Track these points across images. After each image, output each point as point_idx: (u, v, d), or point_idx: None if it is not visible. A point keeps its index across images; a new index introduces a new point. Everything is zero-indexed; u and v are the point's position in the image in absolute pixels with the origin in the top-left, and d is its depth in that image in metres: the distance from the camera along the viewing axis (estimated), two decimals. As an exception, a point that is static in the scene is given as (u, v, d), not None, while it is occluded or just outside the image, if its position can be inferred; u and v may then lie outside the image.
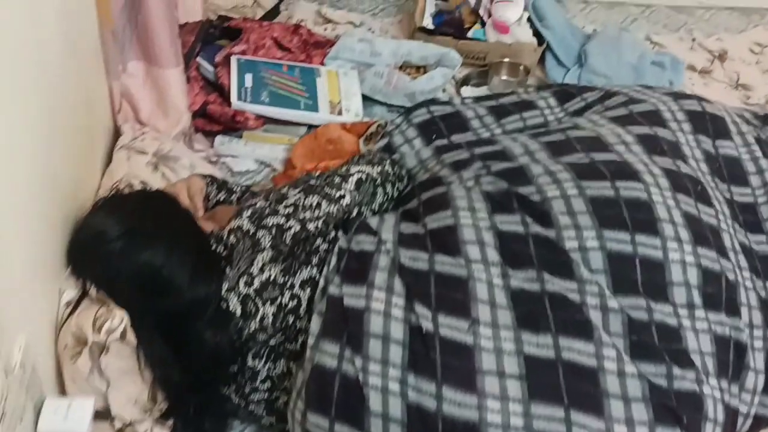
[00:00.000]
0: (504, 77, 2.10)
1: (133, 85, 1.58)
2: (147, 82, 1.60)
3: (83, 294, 1.16)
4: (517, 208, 1.20)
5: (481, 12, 2.17)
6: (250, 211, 1.23)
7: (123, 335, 1.08)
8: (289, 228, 1.20)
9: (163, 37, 1.51)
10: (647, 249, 1.14)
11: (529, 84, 2.08)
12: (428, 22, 2.18)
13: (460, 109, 1.64)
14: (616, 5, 2.47)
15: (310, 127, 1.86)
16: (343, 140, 1.76)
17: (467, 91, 2.06)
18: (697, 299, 1.13)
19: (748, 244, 1.30)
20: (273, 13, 2.24)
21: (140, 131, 1.60)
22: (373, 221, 1.25)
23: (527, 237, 1.16)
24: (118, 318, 1.09)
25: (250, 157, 1.79)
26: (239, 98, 1.79)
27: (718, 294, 1.15)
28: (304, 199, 1.25)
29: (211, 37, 1.97)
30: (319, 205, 1.24)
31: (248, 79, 1.84)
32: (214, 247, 1.22)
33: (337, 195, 1.27)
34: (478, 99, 1.69)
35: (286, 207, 1.23)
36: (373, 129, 1.78)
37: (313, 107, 1.85)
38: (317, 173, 1.36)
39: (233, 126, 1.79)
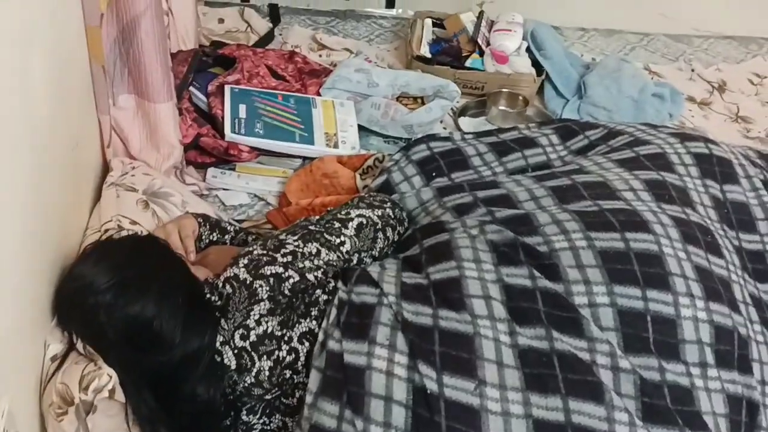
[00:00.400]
0: (502, 107, 2.07)
1: (124, 118, 1.54)
2: (138, 116, 1.55)
3: (70, 348, 1.11)
4: (524, 260, 1.16)
5: (479, 41, 2.14)
6: (246, 260, 1.17)
7: (111, 393, 1.03)
8: (288, 278, 1.14)
9: (155, 72, 1.46)
10: (659, 305, 1.10)
11: (529, 114, 2.04)
12: (425, 50, 2.14)
13: (461, 146, 1.60)
14: (614, 33, 2.45)
15: (305, 159, 1.81)
16: (339, 174, 1.72)
17: (465, 121, 2.02)
18: (710, 358, 1.09)
19: (757, 295, 1.26)
20: (267, 38, 2.20)
21: (130, 166, 1.55)
22: (374, 271, 1.20)
23: (535, 291, 1.12)
24: (106, 376, 1.03)
25: (243, 190, 1.74)
26: (233, 130, 1.75)
27: (730, 351, 1.12)
28: (303, 246, 1.20)
29: (204, 64, 1.92)
30: (318, 252, 1.20)
31: (242, 109, 1.80)
32: (208, 296, 1.17)
33: (337, 242, 1.23)
34: (478, 135, 1.65)
35: (284, 255, 1.17)
36: (369, 162, 1.74)
37: (309, 139, 1.80)
38: (315, 218, 1.31)
39: (227, 159, 1.74)
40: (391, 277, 1.19)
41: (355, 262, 1.25)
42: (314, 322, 1.14)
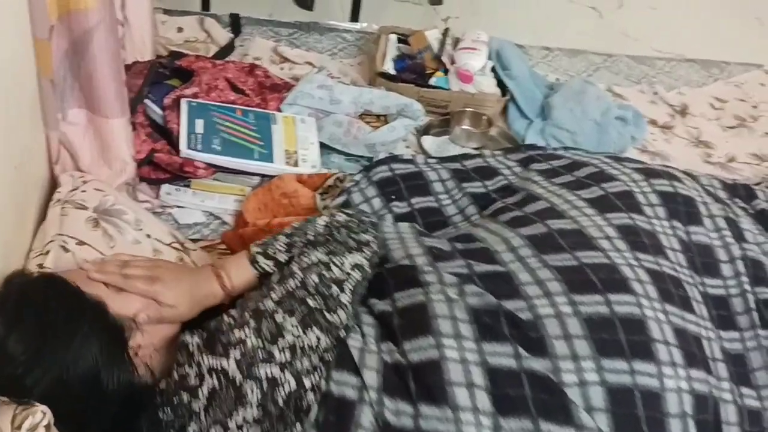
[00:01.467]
0: (466, 127, 2.04)
1: (74, 133, 1.47)
2: (89, 131, 1.48)
3: None
4: (508, 333, 1.07)
5: (444, 59, 2.11)
6: (239, 353, 1.04)
7: (47, 431, 0.97)
8: (283, 384, 1.02)
9: (108, 87, 1.40)
10: (644, 378, 1.05)
11: (492, 135, 2.02)
12: (389, 67, 2.11)
13: (423, 170, 1.57)
14: (578, 53, 2.45)
15: (264, 177, 1.76)
16: (299, 194, 1.67)
17: (428, 140, 1.99)
18: (692, 430, 1.06)
19: (725, 347, 1.23)
20: (227, 49, 2.15)
21: (81, 180, 1.48)
22: (355, 347, 1.08)
23: (521, 374, 1.04)
24: (40, 413, 0.97)
25: (198, 208, 1.68)
26: (189, 146, 1.69)
27: (708, 420, 1.08)
28: (303, 334, 1.06)
29: (160, 76, 1.86)
30: (318, 343, 1.07)
31: (199, 124, 1.74)
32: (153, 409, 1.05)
33: (336, 321, 1.09)
34: (442, 160, 1.62)
35: (282, 350, 1.04)
36: (330, 182, 1.70)
37: (268, 157, 1.75)
38: (312, 277, 1.14)
39: (182, 175, 1.68)
40: (372, 354, 1.08)
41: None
42: (299, 427, 1.02)
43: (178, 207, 1.68)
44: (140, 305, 1.13)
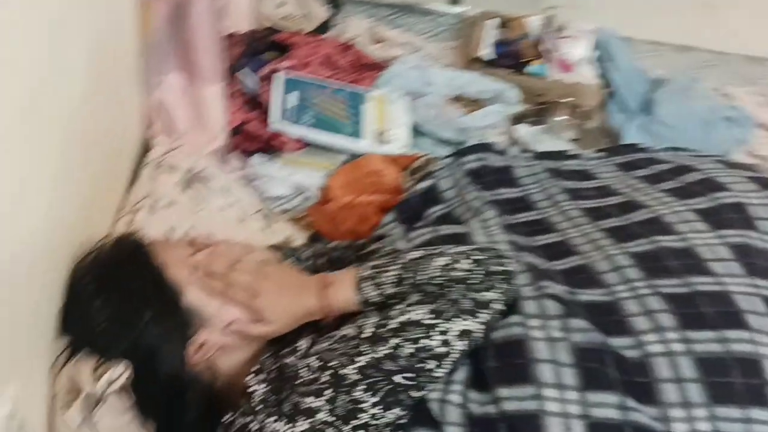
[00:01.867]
0: (562, 117, 1.97)
1: (171, 98, 1.49)
2: (185, 97, 1.50)
3: None
4: (614, 378, 0.98)
5: (544, 46, 2.04)
6: (306, 425, 0.93)
7: (123, 388, 0.98)
8: None
9: (206, 53, 1.42)
10: (759, 426, 0.95)
11: (589, 127, 1.95)
12: (486, 52, 2.06)
13: (514, 164, 1.51)
14: (687, 50, 2.33)
15: (352, 154, 1.74)
16: (385, 173, 1.65)
17: (522, 129, 1.93)
18: None
19: None
20: (325, 26, 2.14)
21: (175, 145, 1.51)
22: (435, 402, 0.98)
23: (624, 428, 0.94)
24: (121, 368, 0.98)
25: (285, 181, 1.68)
26: (279, 119, 1.69)
27: None
28: (382, 416, 0.95)
29: (257, 49, 1.87)
30: (395, 419, 0.97)
31: (291, 98, 1.74)
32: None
33: (422, 394, 0.98)
34: (538, 156, 1.56)
35: (354, 429, 0.94)
36: (419, 163, 1.67)
37: (357, 134, 1.74)
38: (404, 321, 0.98)
39: (270, 147, 1.69)
40: (454, 407, 0.97)
41: None
42: None
43: (266, 178, 1.68)
44: (236, 316, 1.08)
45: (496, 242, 1.23)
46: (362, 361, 0.95)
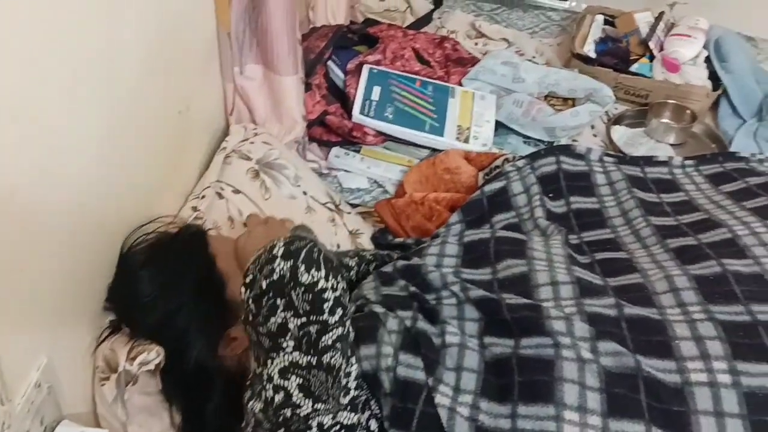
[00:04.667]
0: (665, 120, 1.85)
1: (251, 87, 1.53)
2: (264, 86, 1.54)
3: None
4: (645, 406, 0.90)
5: (652, 45, 1.93)
6: None
7: (156, 369, 1.02)
8: None
9: (281, 44, 1.44)
10: None
11: (695, 131, 1.82)
12: (590, 49, 1.97)
13: (593, 169, 1.43)
14: (821, 51, 2.12)
15: (434, 150, 1.72)
16: (462, 171, 1.62)
17: (619, 131, 1.83)
18: None
19: None
20: (424, 20, 2.13)
21: (253, 132, 1.54)
22: (444, 409, 0.93)
23: None
24: (155, 352, 1.02)
25: (363, 174, 1.69)
26: (361, 111, 1.70)
27: None
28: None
29: (349, 41, 1.88)
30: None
31: (376, 91, 1.74)
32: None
33: None
34: (622, 161, 1.47)
35: None
36: (498, 162, 1.62)
37: (439, 130, 1.71)
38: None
39: (351, 140, 1.70)
40: (464, 420, 0.92)
41: None
42: None
43: (345, 171, 1.70)
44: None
45: (552, 254, 1.18)
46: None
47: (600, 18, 2.05)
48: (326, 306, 0.86)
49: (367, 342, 0.97)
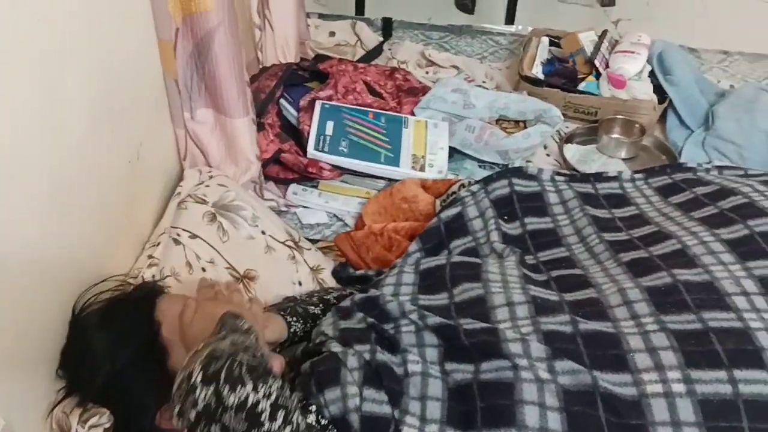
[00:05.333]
0: (616, 135, 1.89)
1: (203, 131, 1.53)
2: (216, 129, 1.54)
3: None
4: (604, 422, 0.93)
5: (597, 63, 1.97)
6: None
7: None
8: None
9: (229, 88, 1.45)
10: None
11: (645, 144, 1.86)
12: (538, 71, 2.00)
13: (546, 190, 1.46)
14: (761, 58, 2.18)
15: (390, 180, 1.74)
16: (419, 199, 1.63)
17: (571, 149, 1.86)
18: None
19: None
20: (375, 52, 2.15)
21: (208, 175, 1.55)
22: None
23: None
24: (107, 416, 1.01)
25: (322, 209, 1.70)
26: (316, 147, 1.71)
27: None
28: None
29: (300, 78, 1.90)
30: None
31: (329, 126, 1.75)
32: None
33: None
34: (572, 179, 1.51)
35: None
36: (454, 188, 1.64)
37: (394, 161, 1.73)
38: None
39: (307, 176, 1.71)
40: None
41: None
42: None
43: (303, 207, 1.70)
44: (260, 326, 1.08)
45: (507, 276, 1.20)
46: None
47: (545, 40, 2.10)
48: (264, 417, 0.80)
49: (331, 385, 0.97)
